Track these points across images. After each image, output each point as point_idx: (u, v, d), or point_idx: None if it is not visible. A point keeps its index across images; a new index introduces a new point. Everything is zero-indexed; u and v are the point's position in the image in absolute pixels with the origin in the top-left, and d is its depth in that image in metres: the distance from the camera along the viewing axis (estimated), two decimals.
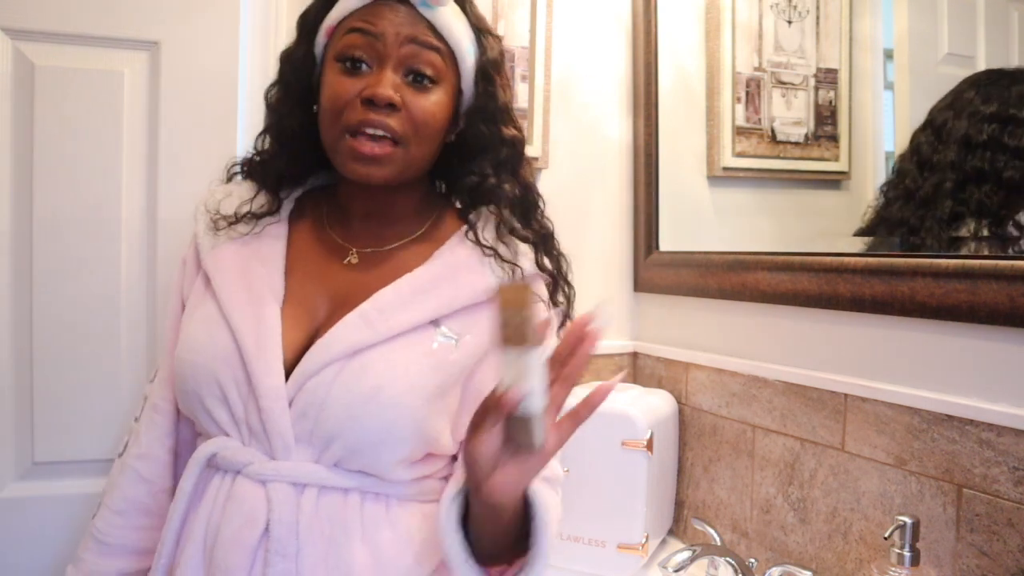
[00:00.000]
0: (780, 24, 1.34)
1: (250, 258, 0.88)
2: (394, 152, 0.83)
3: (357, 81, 0.82)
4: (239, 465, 0.80)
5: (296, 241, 0.91)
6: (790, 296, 1.14)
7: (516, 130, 0.92)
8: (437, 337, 0.83)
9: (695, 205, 1.49)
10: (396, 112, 0.82)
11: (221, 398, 0.81)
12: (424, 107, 0.83)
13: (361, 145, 0.81)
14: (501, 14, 1.44)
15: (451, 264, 0.87)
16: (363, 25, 0.83)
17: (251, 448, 0.81)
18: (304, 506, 0.78)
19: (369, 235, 0.91)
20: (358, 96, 0.81)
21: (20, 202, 1.17)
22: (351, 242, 0.91)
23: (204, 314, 0.85)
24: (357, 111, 0.81)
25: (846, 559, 1.05)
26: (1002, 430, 0.85)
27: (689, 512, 1.38)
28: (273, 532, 0.77)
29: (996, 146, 0.95)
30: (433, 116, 0.84)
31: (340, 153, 0.84)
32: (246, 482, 0.79)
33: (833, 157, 1.29)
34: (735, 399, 1.27)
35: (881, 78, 1.21)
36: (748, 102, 1.38)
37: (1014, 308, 0.83)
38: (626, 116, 1.58)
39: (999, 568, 0.85)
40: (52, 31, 1.17)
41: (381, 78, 0.81)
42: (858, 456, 1.03)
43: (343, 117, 0.82)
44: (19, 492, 1.17)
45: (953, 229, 0.99)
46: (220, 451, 0.81)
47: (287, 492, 0.78)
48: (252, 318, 0.82)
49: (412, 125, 0.83)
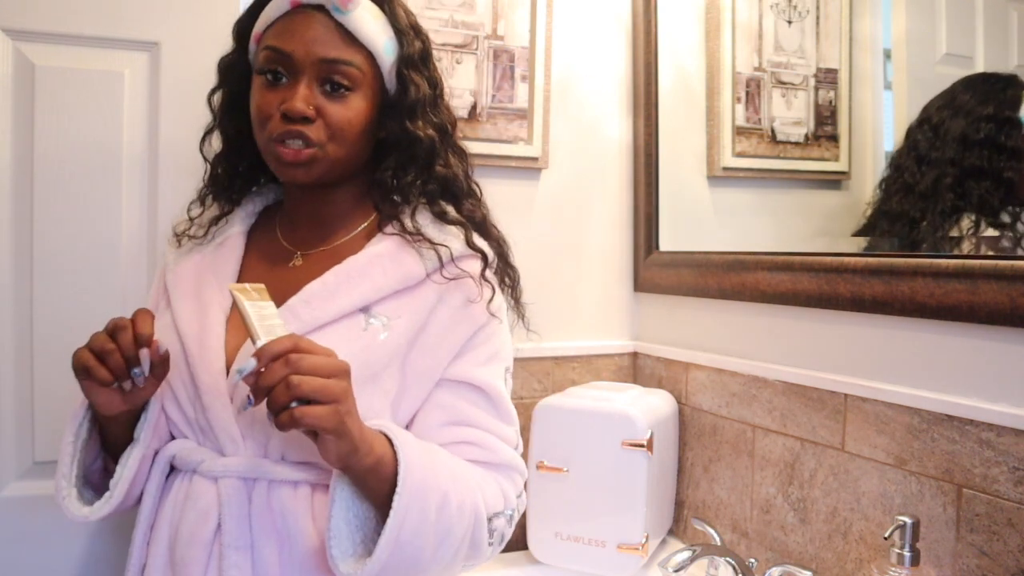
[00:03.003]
0: (780, 24, 1.34)
1: (205, 270, 0.93)
2: (314, 154, 0.86)
3: (276, 94, 0.86)
4: (194, 464, 0.84)
5: (252, 251, 0.96)
6: (790, 296, 1.14)
7: (431, 126, 0.92)
8: (366, 323, 0.86)
9: (695, 205, 1.49)
10: (311, 123, 0.85)
11: (174, 401, 0.87)
12: (340, 114, 0.86)
13: (284, 151, 0.86)
14: (501, 14, 1.44)
15: (378, 253, 0.89)
16: (276, 43, 0.86)
17: (204, 447, 0.86)
18: (255, 499, 0.82)
19: (313, 237, 0.95)
20: (277, 109, 0.85)
21: (20, 202, 1.17)
22: (297, 245, 0.95)
23: (161, 325, 0.88)
24: (277, 123, 0.85)
25: (846, 559, 1.05)
26: (1002, 430, 0.85)
27: (689, 512, 1.38)
28: (225, 526, 0.81)
29: (993, 145, 0.95)
30: (349, 122, 0.87)
31: (269, 158, 0.89)
32: (200, 480, 0.84)
33: (833, 157, 1.29)
34: (735, 399, 1.27)
35: (881, 78, 1.21)
36: (748, 102, 1.38)
37: (1014, 308, 0.83)
38: (626, 116, 1.58)
39: (999, 568, 0.85)
40: (52, 31, 1.17)
41: (295, 92, 0.85)
42: (858, 456, 1.03)
43: (267, 128, 0.86)
44: (19, 492, 1.17)
45: (953, 222, 1.00)
46: (179, 452, 0.86)
47: (236, 487, 0.82)
48: (197, 325, 0.87)
49: (328, 132, 0.86)
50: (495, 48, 1.44)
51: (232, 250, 0.95)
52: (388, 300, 0.88)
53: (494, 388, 0.91)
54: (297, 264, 0.93)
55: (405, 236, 0.90)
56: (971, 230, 0.98)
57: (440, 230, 0.91)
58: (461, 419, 0.89)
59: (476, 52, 1.42)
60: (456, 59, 1.41)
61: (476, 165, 1.41)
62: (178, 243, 0.98)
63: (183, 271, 0.94)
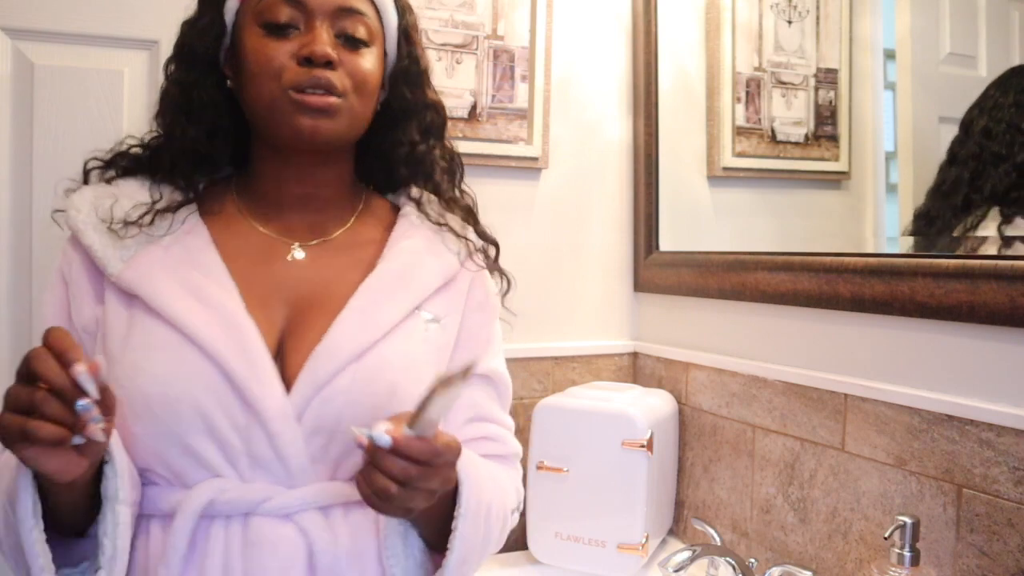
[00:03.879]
0: (780, 24, 1.34)
1: (180, 265, 0.77)
2: (340, 103, 0.77)
3: (287, 43, 0.77)
4: (249, 505, 0.71)
5: (221, 242, 0.80)
6: (790, 296, 1.14)
7: (436, 94, 0.90)
8: (423, 323, 0.81)
9: (695, 205, 1.49)
10: (334, 70, 0.77)
11: (207, 433, 0.71)
12: (361, 66, 0.79)
13: (309, 98, 0.76)
14: (501, 14, 1.44)
15: (413, 249, 0.84)
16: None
17: (257, 482, 0.73)
18: (337, 528, 0.74)
19: (305, 225, 0.84)
20: (293, 56, 0.76)
21: (19, 201, 1.17)
22: (288, 235, 0.83)
23: (155, 339, 0.73)
24: (296, 72, 0.76)
25: (846, 559, 1.05)
26: (1002, 430, 0.85)
27: (689, 512, 1.38)
28: (320, 564, 0.72)
29: (1015, 131, 0.95)
30: (370, 75, 0.80)
31: (281, 111, 0.77)
32: (266, 521, 0.71)
33: (833, 157, 1.29)
34: (735, 399, 1.27)
35: (881, 78, 1.21)
36: (748, 102, 1.38)
37: (1014, 308, 0.83)
38: (626, 116, 1.58)
39: (999, 568, 0.85)
40: (52, 30, 1.17)
41: (315, 36, 0.76)
42: (858, 456, 1.03)
43: (282, 78, 0.76)
44: None
45: (964, 215, 1.00)
46: (217, 496, 0.71)
47: (317, 519, 0.73)
48: (224, 334, 0.73)
49: (352, 82, 0.78)
50: (495, 48, 1.44)
51: (202, 239, 0.80)
52: (434, 297, 0.83)
53: (504, 378, 0.90)
54: (297, 258, 0.82)
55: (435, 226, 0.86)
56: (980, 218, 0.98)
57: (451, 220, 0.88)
58: (481, 414, 0.87)
59: (476, 52, 1.42)
60: (456, 59, 1.41)
61: (476, 165, 1.43)
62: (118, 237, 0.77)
63: (148, 267, 0.76)
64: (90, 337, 0.77)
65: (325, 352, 0.75)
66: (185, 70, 0.83)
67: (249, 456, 0.72)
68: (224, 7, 0.82)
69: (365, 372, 0.75)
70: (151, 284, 0.75)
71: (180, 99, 0.82)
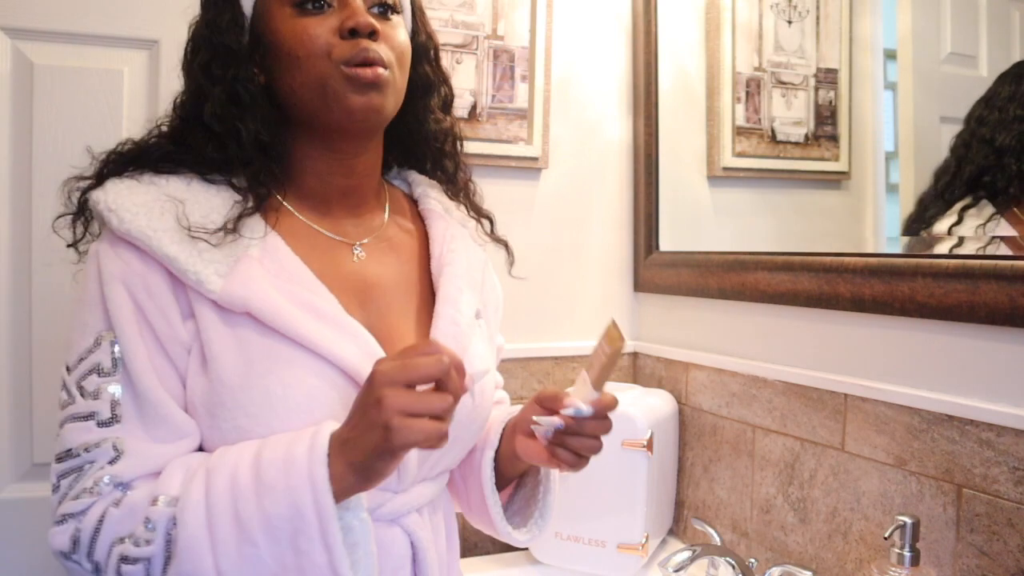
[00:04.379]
0: (780, 24, 1.34)
1: (278, 278, 0.72)
2: (388, 76, 0.75)
3: (325, 19, 0.74)
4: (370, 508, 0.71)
5: (293, 247, 0.76)
6: (790, 296, 1.14)
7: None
8: (480, 323, 0.85)
9: (695, 205, 1.49)
10: (378, 41, 0.74)
11: None
12: (398, 36, 0.78)
13: (364, 72, 0.72)
14: (501, 14, 1.44)
15: (457, 241, 0.86)
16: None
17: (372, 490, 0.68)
18: (435, 527, 0.80)
19: (351, 221, 0.82)
20: (336, 31, 0.73)
21: (19, 200, 1.17)
22: (342, 234, 0.81)
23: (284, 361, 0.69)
24: (344, 46, 0.72)
25: (846, 559, 1.05)
26: (1002, 430, 0.85)
27: (689, 512, 1.38)
28: (423, 559, 0.77)
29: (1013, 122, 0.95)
30: (406, 46, 0.79)
31: (335, 90, 0.73)
32: (379, 527, 0.73)
33: (833, 157, 1.29)
34: (735, 399, 1.27)
35: (881, 78, 1.21)
36: (748, 102, 1.38)
37: (1014, 308, 0.83)
38: (626, 116, 1.58)
39: (999, 568, 0.85)
40: (51, 30, 1.17)
41: (353, 8, 0.74)
42: (858, 456, 1.03)
43: (331, 56, 0.73)
44: (19, 493, 1.17)
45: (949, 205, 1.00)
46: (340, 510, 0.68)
47: (419, 521, 0.77)
48: (354, 348, 0.71)
49: (394, 53, 0.76)
50: (495, 48, 1.44)
51: (282, 247, 0.75)
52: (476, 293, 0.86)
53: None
54: (361, 258, 0.80)
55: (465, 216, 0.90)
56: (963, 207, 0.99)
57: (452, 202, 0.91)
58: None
59: (476, 52, 1.42)
60: (456, 59, 1.41)
61: (476, 165, 1.43)
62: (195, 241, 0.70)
63: (255, 284, 0.70)
64: (185, 352, 0.71)
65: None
66: (222, 67, 0.75)
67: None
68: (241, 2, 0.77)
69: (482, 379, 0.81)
70: (266, 302, 0.69)
71: (228, 97, 0.75)
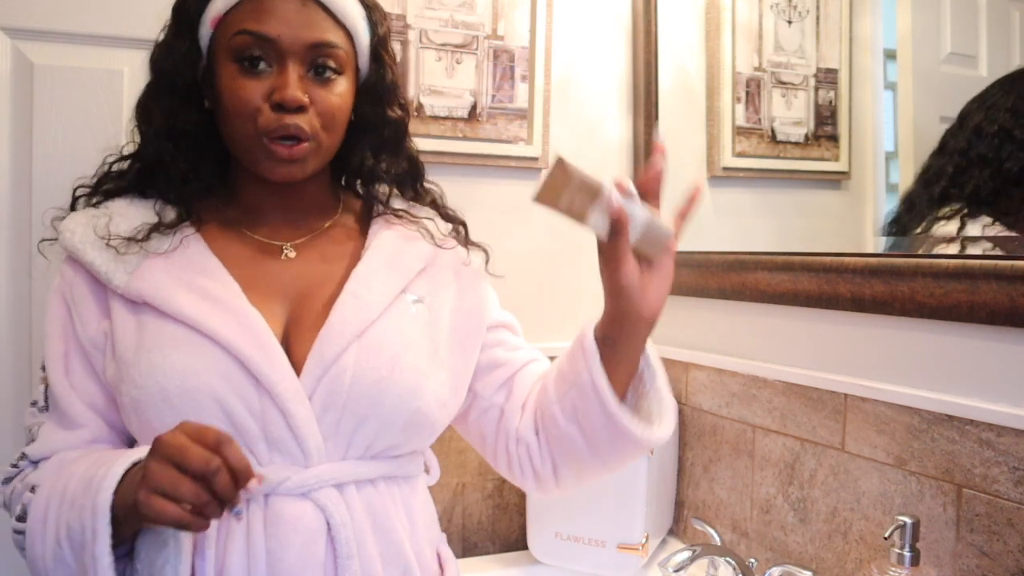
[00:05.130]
0: (780, 24, 1.34)
1: (183, 271, 0.81)
2: (309, 147, 0.81)
3: (260, 83, 0.79)
4: (269, 486, 0.75)
5: (216, 249, 0.85)
6: (790, 296, 1.14)
7: (400, 109, 0.92)
8: (410, 303, 0.86)
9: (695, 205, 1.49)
10: (305, 113, 0.80)
11: (225, 420, 0.75)
12: (331, 101, 0.82)
13: (280, 148, 0.79)
14: (501, 14, 1.44)
15: (393, 238, 0.90)
16: (255, 28, 0.78)
17: (275, 464, 0.77)
18: (352, 503, 0.79)
19: (292, 228, 0.89)
20: (265, 100, 0.79)
21: (19, 200, 1.17)
22: (275, 238, 0.88)
23: (168, 338, 0.77)
24: (269, 116, 0.79)
25: (846, 559, 1.05)
26: (1002, 430, 0.85)
27: (689, 512, 1.38)
28: (338, 537, 0.76)
29: (1004, 136, 0.95)
30: (340, 108, 0.83)
31: (255, 157, 0.81)
32: (286, 500, 0.76)
33: (833, 157, 1.29)
34: (735, 399, 1.27)
35: (881, 78, 1.21)
36: (748, 102, 1.38)
37: (1014, 308, 0.83)
38: (626, 116, 1.58)
39: (999, 568, 0.85)
40: (51, 30, 1.17)
41: (286, 80, 0.79)
42: (858, 456, 1.03)
43: (257, 122, 0.79)
44: None
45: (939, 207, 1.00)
46: None
47: (333, 495, 0.77)
48: (236, 325, 0.77)
49: (321, 121, 0.81)
50: (495, 48, 1.44)
51: (201, 248, 0.84)
52: (417, 279, 0.88)
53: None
54: (291, 256, 0.87)
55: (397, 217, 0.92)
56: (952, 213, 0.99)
57: (420, 211, 0.94)
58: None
59: (476, 52, 1.42)
60: (456, 59, 1.41)
61: (476, 165, 1.43)
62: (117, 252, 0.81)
63: (155, 276, 0.80)
64: (99, 351, 0.82)
65: (329, 333, 0.80)
66: (167, 96, 0.84)
67: (266, 440, 0.77)
68: (199, 33, 0.83)
69: (367, 348, 0.80)
70: (159, 289, 0.79)
71: (165, 126, 0.84)
